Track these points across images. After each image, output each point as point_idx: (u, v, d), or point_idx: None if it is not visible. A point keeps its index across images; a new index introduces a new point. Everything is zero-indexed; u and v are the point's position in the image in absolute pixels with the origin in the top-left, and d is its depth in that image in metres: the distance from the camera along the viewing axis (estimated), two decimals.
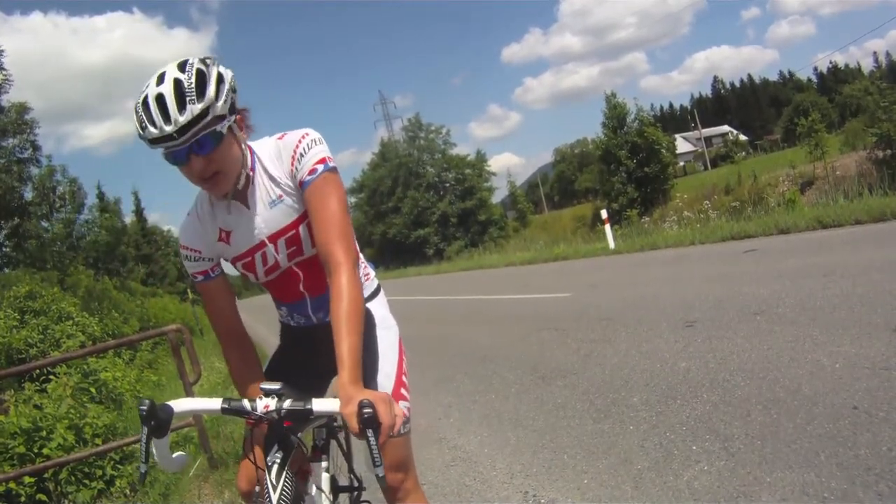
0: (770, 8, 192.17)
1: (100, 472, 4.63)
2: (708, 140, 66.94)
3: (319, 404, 1.47)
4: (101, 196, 35.17)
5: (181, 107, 1.46)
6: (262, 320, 23.72)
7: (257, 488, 1.54)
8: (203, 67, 1.52)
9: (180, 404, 1.49)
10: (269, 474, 1.48)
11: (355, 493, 2.07)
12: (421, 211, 49.72)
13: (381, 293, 2.03)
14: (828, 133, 23.80)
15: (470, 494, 3.41)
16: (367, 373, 1.83)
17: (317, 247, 1.67)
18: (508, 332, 7.82)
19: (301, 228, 1.73)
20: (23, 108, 18.60)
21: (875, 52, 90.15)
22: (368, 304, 1.93)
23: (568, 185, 73.47)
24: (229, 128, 1.58)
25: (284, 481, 1.48)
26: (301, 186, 1.67)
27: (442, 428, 4.66)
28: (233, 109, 1.59)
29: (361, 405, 1.32)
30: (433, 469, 3.89)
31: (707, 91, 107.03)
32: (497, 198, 52.91)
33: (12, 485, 4.22)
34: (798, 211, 14.41)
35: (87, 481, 4.53)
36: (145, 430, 1.43)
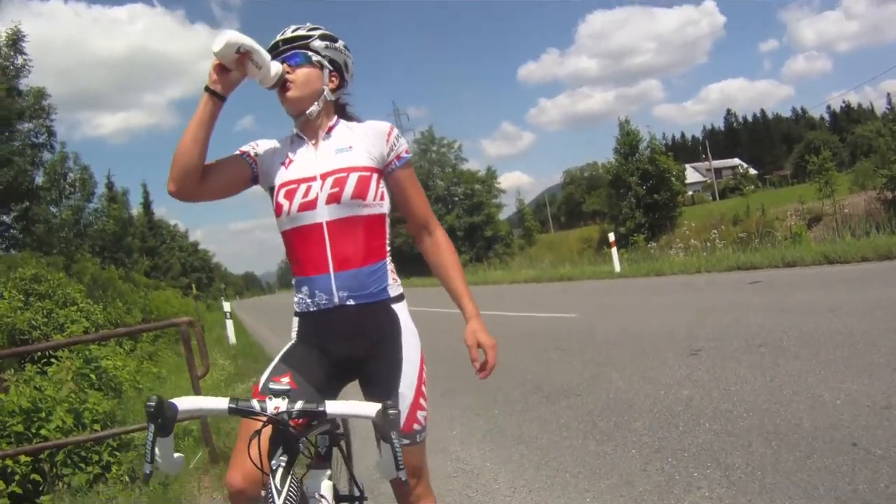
0: (787, 41, 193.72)
1: (96, 458, 4.58)
2: (717, 171, 67.11)
3: (334, 407, 1.45)
4: (109, 186, 35.35)
5: (295, 30, 2.00)
6: (264, 322, 23.73)
7: (263, 493, 1.49)
8: (328, 32, 2.03)
9: (185, 402, 1.44)
10: (274, 478, 1.43)
11: (356, 502, 2.04)
12: None
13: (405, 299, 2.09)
14: (838, 172, 23.85)
15: None
16: (391, 382, 1.93)
17: (415, 213, 2.07)
18: (513, 350, 7.87)
19: (352, 175, 1.90)
20: (41, 94, 18.69)
21: (889, 94, 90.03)
22: (395, 307, 2.00)
23: (575, 206, 73.56)
24: (320, 65, 1.98)
25: (290, 486, 1.44)
26: (396, 160, 1.99)
27: (445, 439, 4.72)
28: (332, 63, 2.02)
29: (385, 407, 1.39)
30: (436, 479, 3.92)
31: (720, 123, 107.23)
32: (504, 215, 53.00)
33: (9, 462, 4.18)
34: (805, 245, 14.45)
35: (83, 465, 4.50)
36: (152, 427, 1.38)
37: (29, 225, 18.34)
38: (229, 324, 14.75)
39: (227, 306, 16.11)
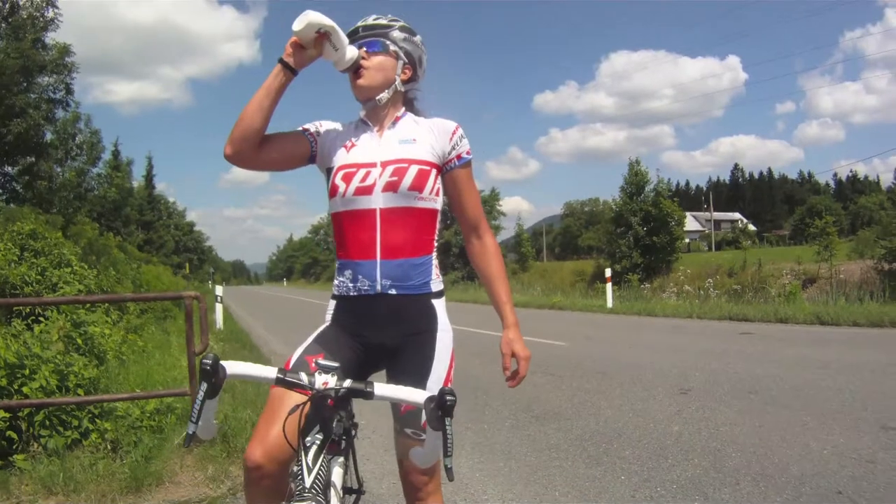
0: (804, 106, 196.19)
1: (76, 423, 4.49)
2: (717, 223, 67.71)
3: (382, 389, 1.42)
4: (115, 154, 34.97)
5: (376, 18, 2.04)
6: (248, 310, 23.63)
7: (295, 468, 1.43)
8: (407, 25, 2.08)
9: (234, 366, 1.40)
10: (306, 456, 1.40)
11: (355, 495, 1.96)
12: None
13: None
14: (838, 238, 24.10)
15: None
16: (420, 375, 1.88)
17: (467, 214, 2.07)
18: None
19: (412, 167, 1.91)
20: (65, 50, 18.48)
21: None
22: (435, 302, 1.99)
23: (571, 239, 73.85)
24: (396, 55, 2.01)
25: (320, 466, 1.40)
26: (457, 160, 2.02)
27: None
28: (408, 56, 2.04)
29: (443, 393, 1.35)
30: None
31: (725, 176, 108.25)
32: (500, 237, 53.09)
33: None
34: (798, 304, 14.63)
35: (61, 429, 4.41)
36: (204, 386, 1.32)
37: (32, 180, 18.07)
38: (219, 308, 14.70)
39: (219, 290, 16.06)
